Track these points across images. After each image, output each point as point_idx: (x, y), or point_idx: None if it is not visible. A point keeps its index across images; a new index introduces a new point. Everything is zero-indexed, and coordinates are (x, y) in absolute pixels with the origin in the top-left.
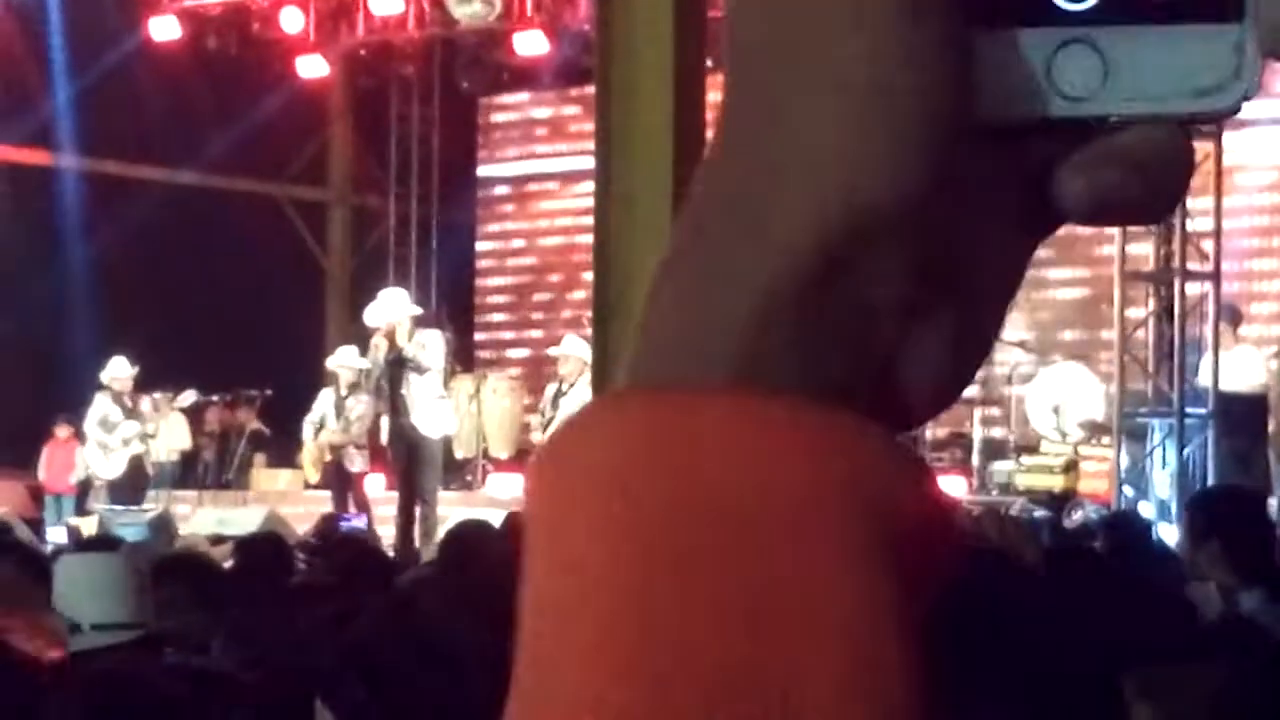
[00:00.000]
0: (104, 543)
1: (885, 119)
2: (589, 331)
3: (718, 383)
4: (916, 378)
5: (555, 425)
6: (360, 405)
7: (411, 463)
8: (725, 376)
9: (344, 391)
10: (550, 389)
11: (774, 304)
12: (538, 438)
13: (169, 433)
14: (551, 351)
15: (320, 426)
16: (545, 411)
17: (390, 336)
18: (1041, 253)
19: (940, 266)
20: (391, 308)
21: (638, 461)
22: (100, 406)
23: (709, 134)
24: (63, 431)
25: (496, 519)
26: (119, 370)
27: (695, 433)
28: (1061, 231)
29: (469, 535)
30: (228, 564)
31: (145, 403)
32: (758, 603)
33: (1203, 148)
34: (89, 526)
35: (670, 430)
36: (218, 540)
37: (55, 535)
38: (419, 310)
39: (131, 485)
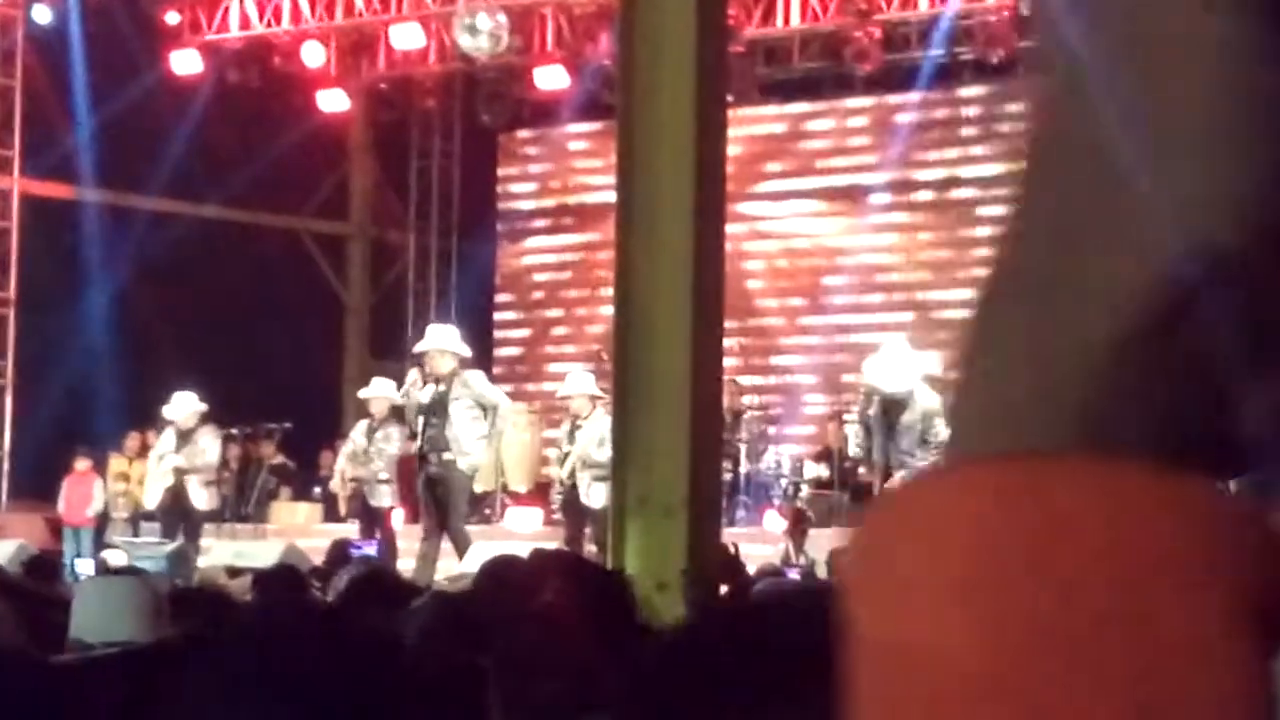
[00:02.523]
0: (130, 574)
1: (1237, 151)
2: (607, 366)
3: (1062, 445)
4: (1253, 427)
5: (573, 460)
6: (390, 439)
7: (442, 497)
8: (1068, 438)
9: (375, 425)
10: (565, 425)
11: (1113, 357)
12: (554, 471)
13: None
14: (561, 392)
15: (352, 458)
16: (562, 446)
17: (434, 372)
18: None
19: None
20: (441, 342)
21: (994, 530)
22: (164, 442)
23: (729, 167)
24: (81, 464)
25: (517, 552)
26: (181, 404)
27: (1054, 500)
28: None
29: (502, 570)
30: (246, 596)
31: (202, 435)
32: (1143, 682)
33: None
34: (116, 560)
35: (1028, 498)
36: (235, 573)
37: (84, 568)
38: (468, 351)
39: (167, 516)
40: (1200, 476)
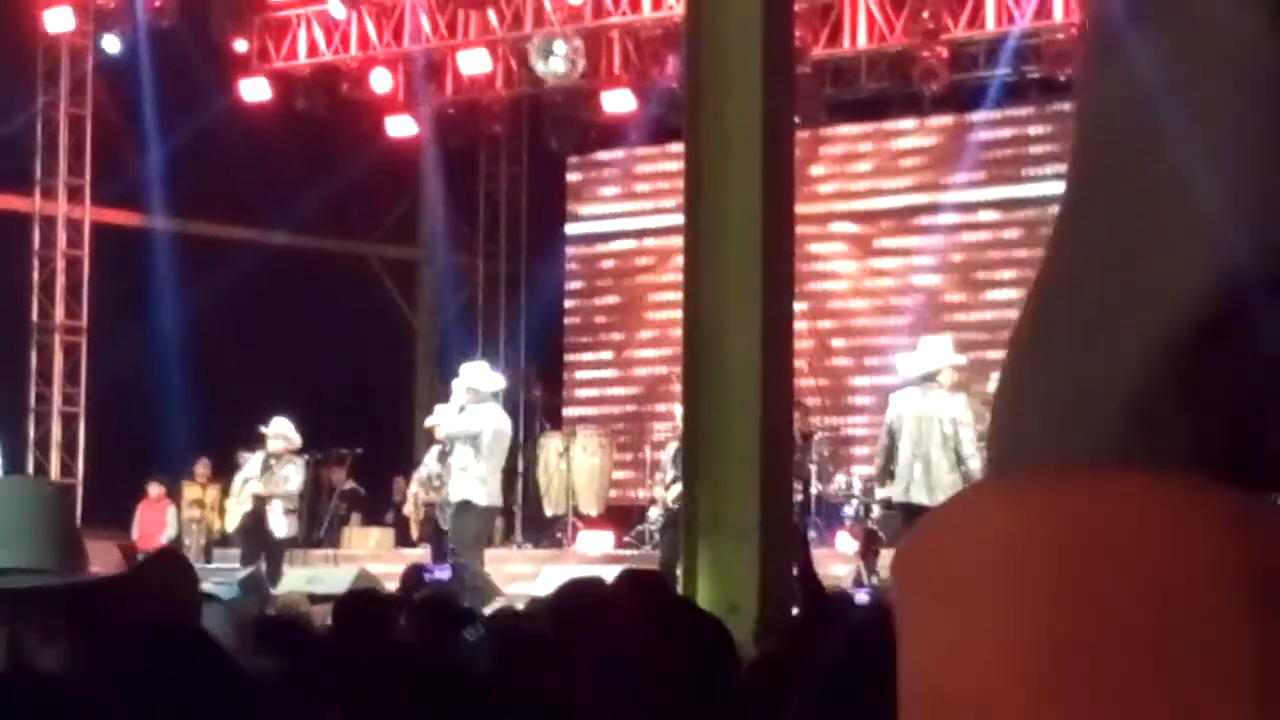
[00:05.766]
0: (206, 600)
1: None
2: (678, 388)
3: (1107, 458)
4: None
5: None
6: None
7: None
8: (1113, 450)
9: (447, 450)
10: (671, 447)
11: (1164, 362)
12: (659, 493)
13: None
14: (264, 429)
15: (425, 483)
16: (667, 471)
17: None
18: None
19: None
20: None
21: (1042, 547)
22: (250, 466)
23: (795, 188)
24: (155, 490)
25: (589, 574)
26: (279, 430)
27: (1088, 517)
28: None
29: (582, 593)
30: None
31: (287, 463)
32: (1174, 704)
33: None
34: None
35: (1077, 515)
36: (316, 599)
37: None
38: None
39: (247, 541)
40: (1247, 488)
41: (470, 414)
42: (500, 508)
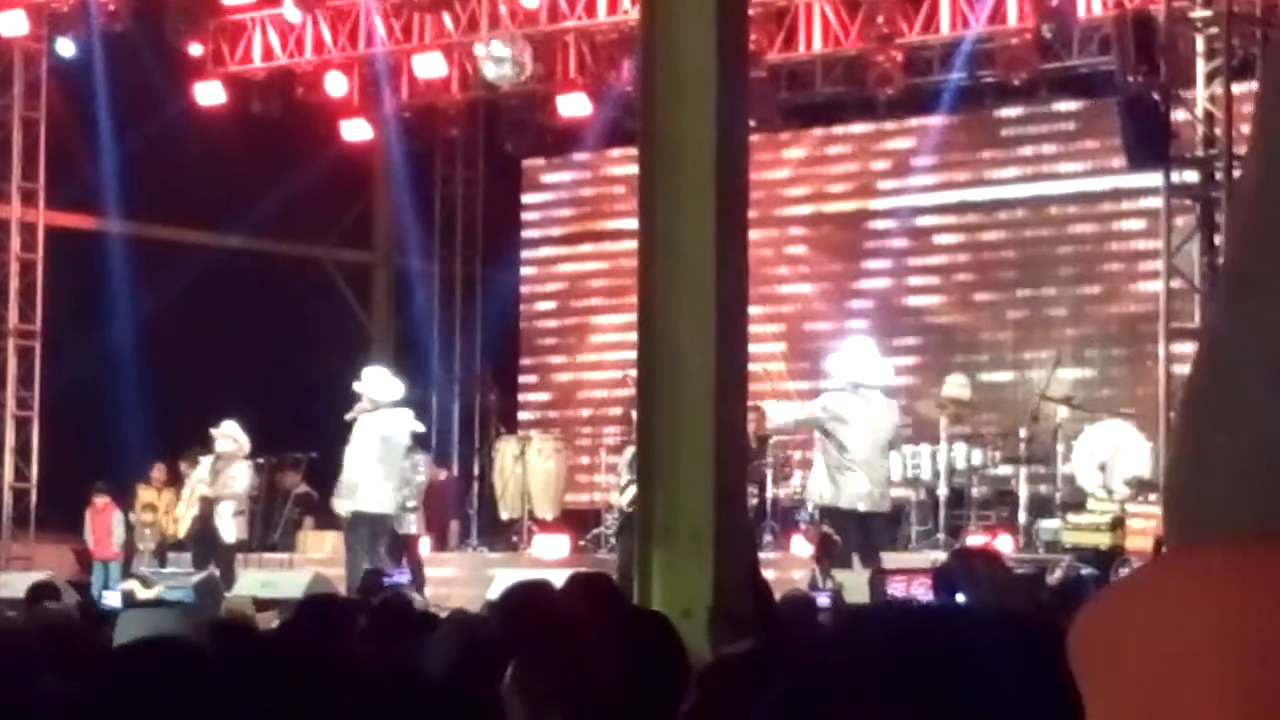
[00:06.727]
0: (157, 605)
1: None
2: (631, 392)
3: None
4: None
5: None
6: (417, 468)
7: None
8: None
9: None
10: (628, 452)
11: None
12: (614, 497)
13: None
14: (213, 431)
15: None
16: (623, 474)
17: None
18: (1089, 309)
19: None
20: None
21: (1245, 618)
22: (201, 469)
23: (749, 192)
24: (100, 499)
25: (543, 578)
26: (227, 431)
27: None
28: (1106, 288)
29: (528, 596)
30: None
31: (235, 464)
32: None
33: None
34: (142, 590)
35: (1273, 583)
36: (262, 605)
37: (111, 599)
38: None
39: (198, 546)
40: None
41: (359, 427)
42: (392, 515)
